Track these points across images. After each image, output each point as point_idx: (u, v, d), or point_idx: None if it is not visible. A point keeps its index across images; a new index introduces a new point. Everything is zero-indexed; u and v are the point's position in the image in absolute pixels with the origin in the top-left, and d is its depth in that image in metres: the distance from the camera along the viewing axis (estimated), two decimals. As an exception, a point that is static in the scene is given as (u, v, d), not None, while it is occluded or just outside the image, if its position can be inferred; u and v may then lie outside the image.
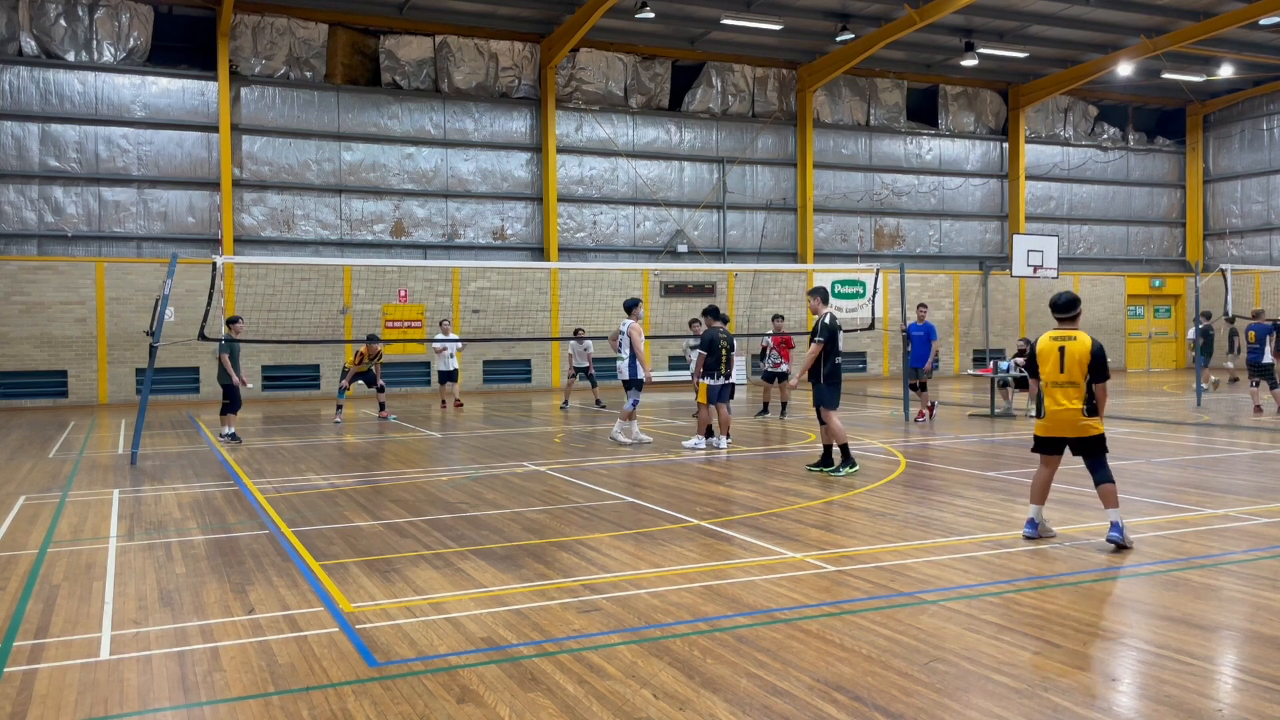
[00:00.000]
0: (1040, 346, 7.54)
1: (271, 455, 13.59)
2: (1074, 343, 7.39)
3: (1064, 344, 7.40)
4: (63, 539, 8.23)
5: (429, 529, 8.40)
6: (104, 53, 23.55)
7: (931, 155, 32.04)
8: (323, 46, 25.33)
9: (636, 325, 14.20)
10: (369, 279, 25.34)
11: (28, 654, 5.30)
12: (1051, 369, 7.42)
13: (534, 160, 27.33)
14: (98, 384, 23.37)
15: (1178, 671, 4.80)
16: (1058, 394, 7.41)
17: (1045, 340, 7.54)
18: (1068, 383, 7.36)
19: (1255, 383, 18.23)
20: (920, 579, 6.55)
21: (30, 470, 12.44)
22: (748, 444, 14.31)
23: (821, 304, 11.42)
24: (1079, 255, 34.06)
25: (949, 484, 10.42)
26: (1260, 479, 10.57)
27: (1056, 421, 7.44)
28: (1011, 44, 28.85)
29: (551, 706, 4.45)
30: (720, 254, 29.16)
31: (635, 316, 14.24)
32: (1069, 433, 7.44)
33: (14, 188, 22.98)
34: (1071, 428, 7.41)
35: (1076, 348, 7.36)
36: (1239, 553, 7.22)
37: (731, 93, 29.36)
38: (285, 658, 5.14)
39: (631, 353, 14.22)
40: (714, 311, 13.81)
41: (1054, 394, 7.42)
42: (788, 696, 4.53)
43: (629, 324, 14.20)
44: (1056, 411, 7.43)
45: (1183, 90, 33.20)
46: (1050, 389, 7.44)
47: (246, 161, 24.71)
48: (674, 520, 8.65)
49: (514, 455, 13.29)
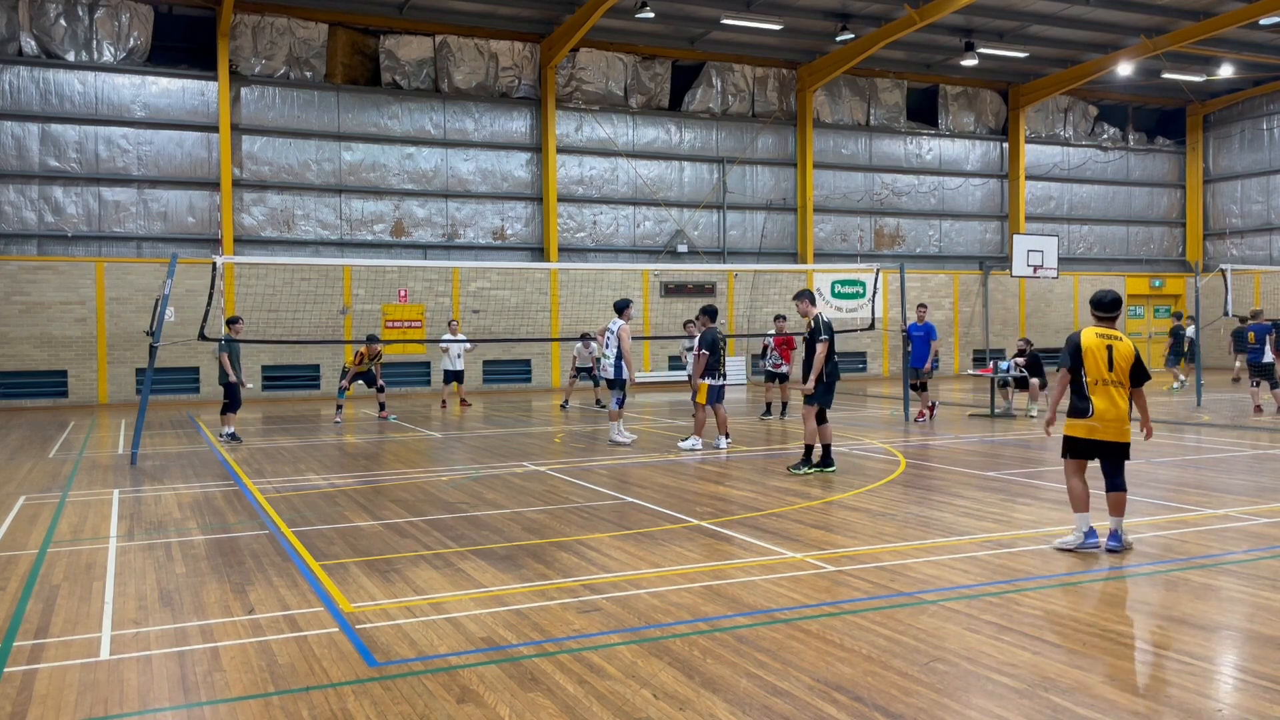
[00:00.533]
0: (1086, 343, 7.22)
1: (271, 455, 13.59)
2: (1120, 342, 7.23)
3: (1111, 343, 7.20)
4: (63, 539, 8.23)
5: (429, 529, 8.40)
6: (104, 53, 23.55)
7: (931, 155, 32.04)
8: (323, 46, 25.33)
9: (627, 327, 14.21)
10: (369, 279, 25.34)
11: (28, 654, 5.30)
12: (1102, 367, 7.15)
13: (534, 160, 27.33)
14: (98, 384, 23.38)
15: (1178, 671, 4.80)
16: (1111, 392, 7.15)
17: (1091, 336, 7.24)
18: (1117, 382, 7.16)
19: (1255, 383, 18.23)
20: (920, 579, 6.55)
21: (30, 470, 12.44)
22: (748, 444, 14.31)
23: (810, 305, 11.47)
24: (1079, 255, 34.06)
25: (949, 484, 10.42)
26: (1260, 479, 10.57)
27: (1105, 422, 7.15)
28: (1011, 44, 28.85)
29: (551, 706, 4.45)
30: (720, 254, 29.16)
31: (626, 318, 14.25)
32: (1112, 435, 7.19)
33: (14, 188, 22.98)
34: (1117, 430, 7.18)
35: (1124, 348, 7.22)
36: (1239, 553, 7.22)
37: (731, 93, 29.36)
38: (285, 658, 5.14)
39: (618, 353, 14.21)
40: (712, 312, 13.80)
41: (1107, 393, 7.16)
42: (788, 696, 4.53)
43: (619, 324, 14.20)
44: (1106, 410, 7.14)
45: (1183, 90, 33.20)
46: (1102, 388, 7.16)
47: (246, 161, 24.71)
48: (674, 520, 8.65)
49: (514, 455, 13.29)
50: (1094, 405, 7.18)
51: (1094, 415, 7.18)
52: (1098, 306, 7.38)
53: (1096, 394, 7.18)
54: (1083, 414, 7.24)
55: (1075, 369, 7.26)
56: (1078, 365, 7.24)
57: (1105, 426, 7.19)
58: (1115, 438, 7.21)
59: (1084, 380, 7.22)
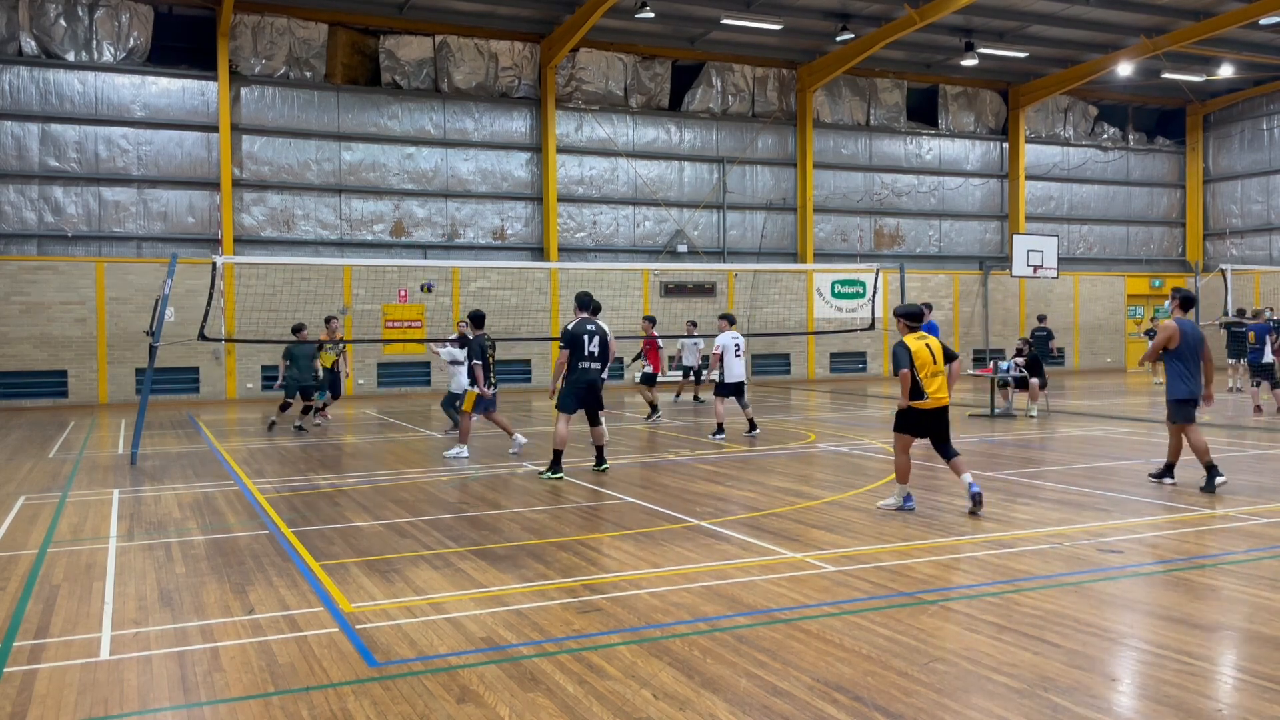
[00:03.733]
0: (914, 347, 8.75)
1: (271, 455, 13.59)
2: (932, 340, 9.01)
3: (927, 342, 8.93)
4: (63, 539, 8.23)
5: (429, 529, 8.40)
6: (104, 53, 23.54)
7: (931, 155, 32.04)
8: (323, 46, 25.33)
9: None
10: (369, 279, 25.33)
11: (28, 654, 5.30)
12: (928, 361, 8.79)
13: (534, 160, 27.34)
14: (98, 384, 23.37)
15: (1178, 671, 4.80)
16: (940, 378, 8.87)
17: (914, 341, 8.81)
18: (939, 371, 8.93)
19: (1256, 383, 18.23)
20: (920, 579, 6.55)
21: (30, 470, 12.44)
22: (747, 444, 14.31)
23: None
24: (1079, 255, 34.06)
25: (949, 484, 10.42)
26: (1260, 479, 10.57)
27: (936, 397, 8.85)
28: (1011, 44, 28.85)
29: (551, 706, 4.45)
30: (720, 254, 29.16)
31: None
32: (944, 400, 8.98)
33: (14, 188, 22.98)
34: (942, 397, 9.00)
35: (935, 344, 8.96)
36: (1239, 553, 7.22)
37: (731, 93, 29.36)
38: (285, 658, 5.14)
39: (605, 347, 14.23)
40: (477, 317, 13.52)
41: (936, 378, 8.81)
42: (788, 696, 4.53)
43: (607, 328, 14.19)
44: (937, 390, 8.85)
45: (1183, 90, 33.20)
46: (930, 377, 8.77)
47: (246, 161, 24.71)
48: (674, 520, 8.65)
49: (514, 455, 13.28)
50: (926, 389, 8.75)
51: (929, 397, 8.76)
52: (911, 318, 9.07)
53: (928, 381, 8.74)
54: (920, 396, 8.74)
55: (912, 367, 8.70)
56: (913, 364, 8.71)
57: (936, 400, 8.80)
58: (944, 401, 8.86)
59: (917, 375, 8.71)
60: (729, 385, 14.92)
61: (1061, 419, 17.36)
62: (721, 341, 14.98)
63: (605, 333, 11.29)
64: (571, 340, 11.08)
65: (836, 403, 22.12)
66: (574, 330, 11.09)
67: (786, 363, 30.03)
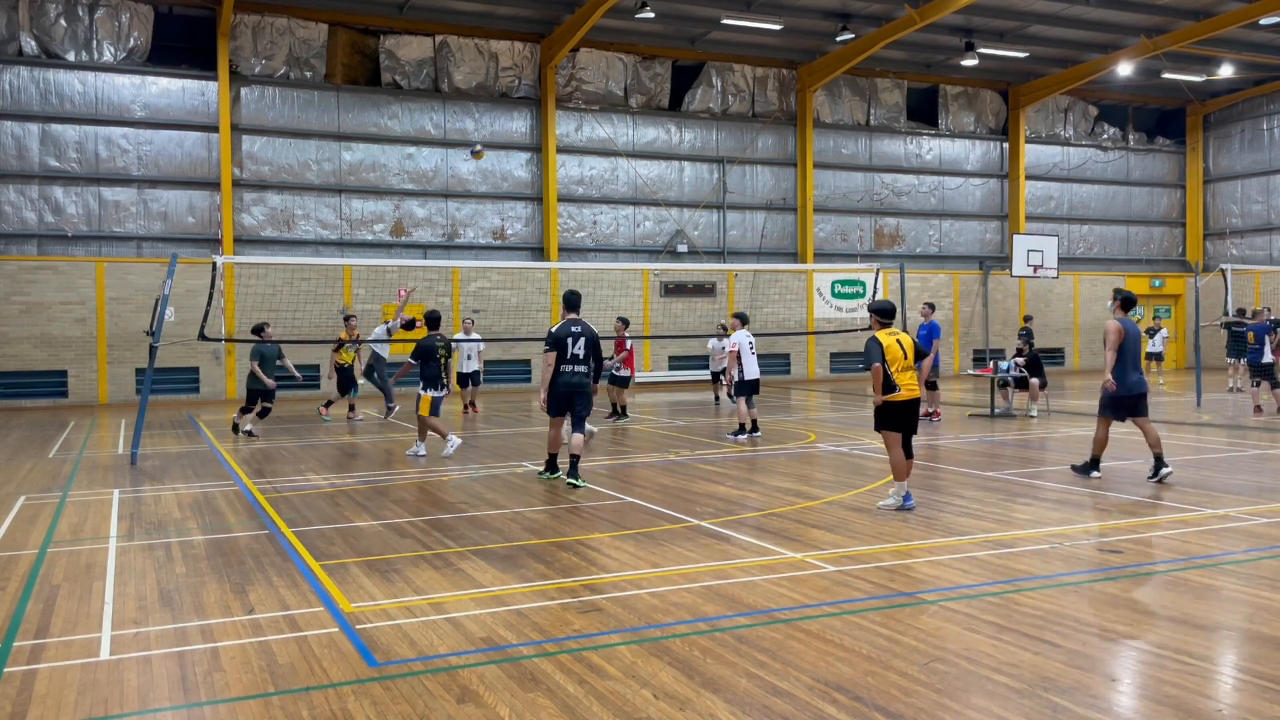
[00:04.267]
0: (886, 343, 8.92)
1: (271, 455, 13.59)
2: (903, 336, 9.17)
3: (899, 338, 9.05)
4: (63, 539, 8.23)
5: (429, 529, 8.40)
6: (104, 53, 23.55)
7: (931, 155, 32.04)
8: (323, 46, 25.33)
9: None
10: (369, 279, 25.33)
11: (28, 654, 5.30)
12: (899, 356, 8.95)
13: (534, 160, 27.34)
14: (98, 384, 23.37)
15: (1178, 671, 4.80)
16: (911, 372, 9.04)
17: (885, 337, 8.97)
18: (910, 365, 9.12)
19: (1256, 382, 18.23)
20: (920, 579, 6.55)
21: (30, 470, 12.44)
22: (748, 444, 14.31)
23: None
24: (1079, 255, 34.06)
25: (949, 484, 10.43)
26: (1260, 479, 10.57)
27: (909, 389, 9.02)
28: (1011, 44, 28.85)
29: (551, 706, 4.45)
30: (720, 254, 29.16)
31: None
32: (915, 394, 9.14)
33: (14, 188, 22.98)
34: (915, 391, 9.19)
35: (905, 340, 9.11)
36: (1239, 553, 7.22)
37: (731, 93, 29.36)
38: (285, 658, 5.14)
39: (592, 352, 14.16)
40: (430, 319, 13.47)
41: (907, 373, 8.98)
42: (788, 696, 4.53)
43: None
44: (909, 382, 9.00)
45: (1183, 90, 33.20)
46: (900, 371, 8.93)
47: (246, 161, 24.71)
48: (674, 520, 8.65)
49: (514, 455, 13.29)
50: (899, 382, 8.90)
51: (901, 389, 8.90)
52: (884, 314, 9.26)
53: (899, 375, 8.90)
54: (893, 389, 8.86)
55: (884, 361, 8.88)
56: (884, 359, 8.89)
57: (909, 392, 8.95)
58: (915, 395, 9.00)
59: (888, 369, 8.86)
60: (748, 382, 14.96)
61: (1061, 419, 17.36)
62: (738, 339, 15.04)
63: (593, 334, 11.17)
64: (556, 343, 10.79)
65: (836, 403, 22.11)
66: (557, 333, 10.87)
67: (787, 363, 30.03)
